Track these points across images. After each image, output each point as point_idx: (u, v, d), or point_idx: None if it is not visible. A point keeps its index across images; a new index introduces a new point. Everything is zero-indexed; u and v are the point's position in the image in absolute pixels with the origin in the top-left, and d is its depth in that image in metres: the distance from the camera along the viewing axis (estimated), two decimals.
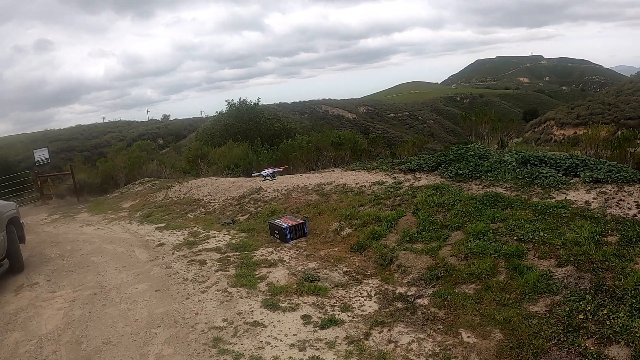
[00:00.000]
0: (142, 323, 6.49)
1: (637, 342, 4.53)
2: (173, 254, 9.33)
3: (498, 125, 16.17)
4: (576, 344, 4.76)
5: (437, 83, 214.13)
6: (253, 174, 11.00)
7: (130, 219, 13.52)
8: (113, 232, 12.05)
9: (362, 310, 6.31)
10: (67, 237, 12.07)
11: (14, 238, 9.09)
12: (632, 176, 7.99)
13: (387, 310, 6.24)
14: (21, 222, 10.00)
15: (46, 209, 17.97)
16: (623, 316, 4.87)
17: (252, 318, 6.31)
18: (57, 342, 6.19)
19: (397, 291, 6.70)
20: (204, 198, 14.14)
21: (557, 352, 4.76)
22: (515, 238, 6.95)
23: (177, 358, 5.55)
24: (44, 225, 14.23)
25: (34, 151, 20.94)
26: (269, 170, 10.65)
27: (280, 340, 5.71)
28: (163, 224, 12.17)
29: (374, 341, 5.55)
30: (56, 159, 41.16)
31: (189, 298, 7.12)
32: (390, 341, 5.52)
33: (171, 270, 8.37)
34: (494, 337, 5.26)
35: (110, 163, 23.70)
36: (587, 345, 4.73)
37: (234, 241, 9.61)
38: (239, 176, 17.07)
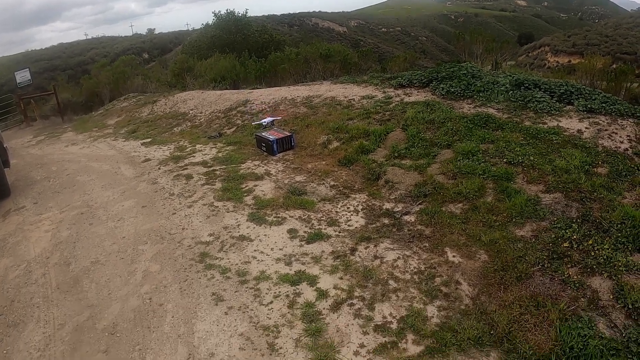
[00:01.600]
0: (129, 240, 6.47)
1: (619, 275, 4.54)
2: (159, 169, 9.21)
3: (492, 46, 15.74)
4: (560, 272, 4.77)
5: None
6: (253, 123, 10.71)
7: (116, 136, 13.30)
8: (98, 150, 11.87)
9: (348, 225, 6.27)
10: (52, 158, 11.90)
11: None
12: (626, 110, 7.81)
13: (374, 225, 6.20)
14: (5, 146, 9.78)
15: (31, 131, 17.64)
16: (608, 248, 4.87)
17: (239, 232, 6.28)
18: (45, 265, 6.18)
19: (384, 207, 6.64)
20: (190, 112, 13.88)
21: (541, 278, 4.77)
22: (505, 160, 6.85)
23: (165, 274, 5.55)
24: (29, 148, 14.00)
25: (15, 73, 20.34)
26: (268, 119, 10.36)
27: (267, 255, 5.71)
28: (149, 140, 11.98)
29: (359, 257, 5.55)
30: (39, 80, 40.25)
31: (175, 213, 7.07)
32: (376, 257, 5.51)
33: (157, 185, 8.28)
34: (479, 258, 5.26)
35: (94, 80, 23.13)
36: (570, 273, 4.73)
37: (220, 154, 9.47)
38: (226, 89, 16.71)
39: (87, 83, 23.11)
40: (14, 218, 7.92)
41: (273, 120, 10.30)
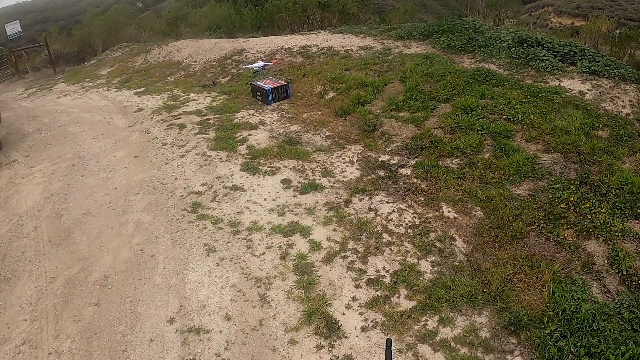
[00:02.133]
0: (121, 191, 6.38)
1: (615, 241, 4.48)
2: (152, 118, 9.04)
3: (495, 1, 15.38)
4: (555, 233, 4.71)
5: None
6: (243, 66, 10.47)
7: (108, 86, 13.05)
8: (90, 101, 11.65)
9: (343, 177, 6.17)
10: (44, 110, 11.69)
11: None
12: (630, 74, 7.63)
13: (369, 177, 6.10)
14: None
15: (22, 83, 17.34)
16: (605, 212, 4.80)
17: (232, 182, 6.19)
18: (37, 217, 6.11)
19: (380, 159, 6.52)
20: (184, 60, 13.61)
21: (536, 238, 4.71)
22: (504, 117, 6.71)
23: (156, 225, 5.48)
24: (21, 101, 13.77)
25: (5, 25, 19.94)
26: (259, 63, 10.12)
27: (260, 205, 5.63)
28: (142, 89, 11.76)
29: (354, 209, 5.46)
30: (30, 32, 39.51)
31: (167, 163, 6.96)
32: (370, 209, 5.42)
33: (150, 135, 8.14)
34: (475, 214, 5.17)
35: (86, 30, 22.65)
36: (565, 235, 4.67)
37: (214, 104, 9.29)
38: (222, 37, 16.36)
39: (79, 33, 22.65)
40: (5, 172, 7.81)
41: (264, 65, 10.07)
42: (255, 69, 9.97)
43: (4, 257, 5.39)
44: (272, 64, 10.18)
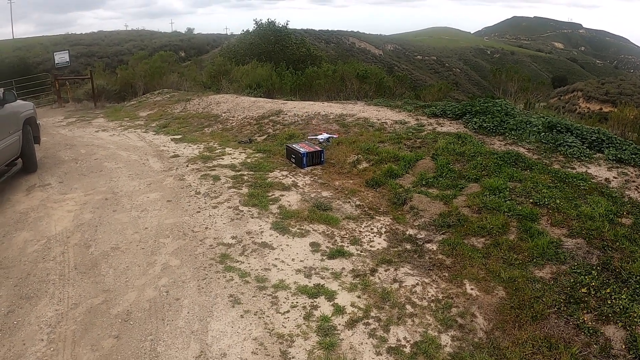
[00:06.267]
0: (151, 232, 6.50)
1: (634, 327, 4.49)
2: (187, 166, 9.27)
3: (527, 85, 15.68)
4: (575, 316, 4.73)
5: (470, 33, 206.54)
6: (309, 137, 10.71)
7: (147, 128, 13.43)
8: (128, 140, 11.99)
9: (370, 246, 6.25)
10: (81, 140, 12.05)
11: (29, 138, 9.08)
12: None
13: (396, 249, 6.18)
14: (37, 123, 9.93)
15: (63, 111, 17.90)
16: (625, 298, 4.82)
17: (261, 239, 6.29)
18: (65, 243, 6.24)
19: (407, 232, 6.62)
20: (223, 114, 13.99)
21: (556, 320, 4.73)
22: (530, 200, 6.81)
23: (184, 270, 5.56)
24: (60, 128, 14.19)
25: (55, 53, 20.74)
26: (324, 135, 10.38)
27: (287, 264, 5.71)
28: (179, 136, 12.08)
29: (379, 278, 5.52)
30: (76, 64, 40.85)
31: (199, 212, 7.11)
32: (395, 280, 5.48)
33: (184, 182, 8.34)
34: (497, 293, 5.21)
35: (130, 71, 23.41)
36: (585, 319, 4.69)
37: (249, 160, 9.51)
38: (260, 97, 16.82)
39: (123, 73, 23.37)
40: (38, 194, 8.03)
41: (329, 138, 10.27)
42: (320, 140, 10.18)
43: (27, 275, 5.48)
44: (337, 136, 10.39)
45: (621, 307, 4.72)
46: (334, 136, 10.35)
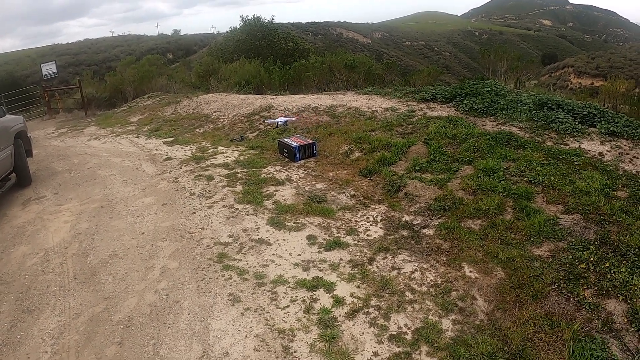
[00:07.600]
0: (148, 236, 6.52)
1: (634, 300, 4.49)
2: (180, 168, 9.28)
3: (516, 64, 15.67)
4: (575, 292, 4.74)
5: (457, 15, 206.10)
6: (266, 121, 10.80)
7: (138, 133, 13.42)
8: (120, 146, 11.98)
9: (367, 235, 6.27)
10: (74, 150, 12.03)
11: (21, 152, 9.05)
12: None
13: (392, 237, 6.20)
14: (28, 136, 9.91)
15: (54, 122, 17.87)
16: (624, 272, 4.82)
17: (258, 235, 6.31)
18: (63, 254, 6.25)
19: (404, 219, 6.63)
20: (214, 114, 14.00)
21: (556, 298, 4.74)
22: (525, 179, 6.82)
23: (182, 272, 5.57)
24: (51, 139, 14.16)
25: (42, 65, 20.68)
26: (282, 119, 10.46)
27: (285, 259, 5.72)
28: (171, 139, 12.08)
29: (377, 267, 5.54)
30: (64, 74, 40.83)
31: (195, 213, 7.12)
32: (393, 268, 5.50)
33: (178, 184, 8.35)
34: (496, 274, 5.22)
35: (118, 77, 23.33)
36: (585, 295, 4.70)
37: (242, 158, 9.52)
38: (250, 93, 16.81)
39: (111, 79, 23.29)
40: (34, 207, 8.02)
41: (286, 121, 10.31)
42: (279, 124, 10.22)
43: (28, 288, 5.49)
44: (295, 119, 10.41)
45: (621, 280, 4.73)
46: (292, 118, 10.38)
